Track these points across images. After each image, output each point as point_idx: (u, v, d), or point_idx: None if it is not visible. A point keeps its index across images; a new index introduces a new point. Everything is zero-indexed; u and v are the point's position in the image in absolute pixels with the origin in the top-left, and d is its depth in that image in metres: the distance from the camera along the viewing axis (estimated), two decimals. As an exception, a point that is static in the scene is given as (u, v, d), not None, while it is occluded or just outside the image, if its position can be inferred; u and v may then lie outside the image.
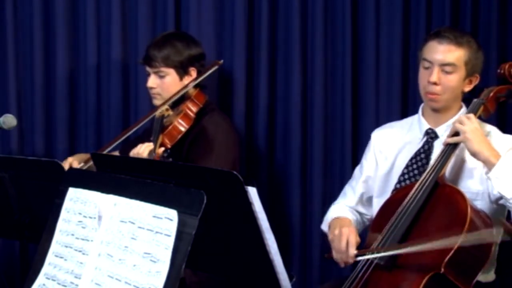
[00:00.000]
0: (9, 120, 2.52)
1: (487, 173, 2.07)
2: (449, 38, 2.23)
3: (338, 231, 2.17)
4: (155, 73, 2.68)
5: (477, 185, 2.20)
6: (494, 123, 2.53)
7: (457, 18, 3.05)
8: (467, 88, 2.31)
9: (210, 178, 1.68)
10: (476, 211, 2.02)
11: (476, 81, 2.32)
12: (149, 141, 2.55)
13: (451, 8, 3.02)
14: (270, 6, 3.04)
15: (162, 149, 2.53)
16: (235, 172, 1.61)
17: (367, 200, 2.47)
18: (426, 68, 2.27)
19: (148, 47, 2.72)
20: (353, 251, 2.11)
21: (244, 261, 1.76)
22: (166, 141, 2.57)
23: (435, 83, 2.24)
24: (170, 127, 2.59)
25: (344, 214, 2.42)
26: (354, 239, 2.14)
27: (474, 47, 2.27)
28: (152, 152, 2.48)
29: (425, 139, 2.35)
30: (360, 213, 2.48)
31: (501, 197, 2.09)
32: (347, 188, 2.52)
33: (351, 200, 2.47)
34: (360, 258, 2.10)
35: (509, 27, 3.05)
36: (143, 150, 2.49)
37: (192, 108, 2.65)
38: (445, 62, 2.23)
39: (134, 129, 2.68)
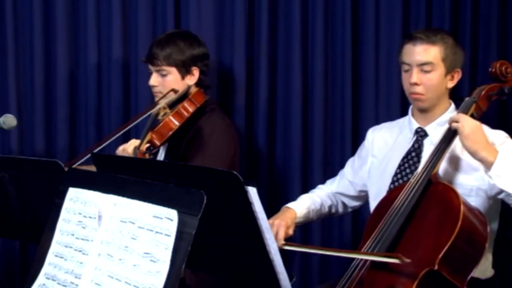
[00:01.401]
0: (9, 120, 2.52)
1: (486, 171, 2.07)
2: (421, 39, 2.28)
3: (271, 221, 2.27)
4: (157, 71, 2.68)
5: (471, 181, 2.21)
6: (494, 123, 2.53)
7: (457, 18, 3.04)
8: (451, 84, 2.34)
9: (210, 178, 1.67)
10: (469, 208, 2.03)
11: (458, 76, 2.35)
12: None
13: (451, 8, 3.02)
14: (270, 6, 3.04)
15: (147, 145, 2.53)
16: (235, 172, 1.60)
17: (348, 196, 2.58)
18: (406, 71, 2.33)
19: (151, 45, 2.72)
20: (279, 243, 2.20)
21: (244, 261, 1.76)
22: (154, 137, 2.55)
23: (416, 84, 2.28)
24: (160, 125, 2.58)
25: (301, 204, 2.48)
26: (282, 232, 2.24)
27: (450, 43, 2.30)
28: (136, 148, 2.48)
29: (415, 138, 2.37)
30: (343, 202, 2.59)
31: (499, 192, 2.10)
32: (339, 174, 2.62)
33: (334, 187, 2.59)
34: (287, 247, 2.21)
35: (509, 27, 3.05)
36: (128, 145, 2.51)
37: (188, 107, 2.64)
38: (422, 61, 2.27)
39: (129, 126, 2.67)
